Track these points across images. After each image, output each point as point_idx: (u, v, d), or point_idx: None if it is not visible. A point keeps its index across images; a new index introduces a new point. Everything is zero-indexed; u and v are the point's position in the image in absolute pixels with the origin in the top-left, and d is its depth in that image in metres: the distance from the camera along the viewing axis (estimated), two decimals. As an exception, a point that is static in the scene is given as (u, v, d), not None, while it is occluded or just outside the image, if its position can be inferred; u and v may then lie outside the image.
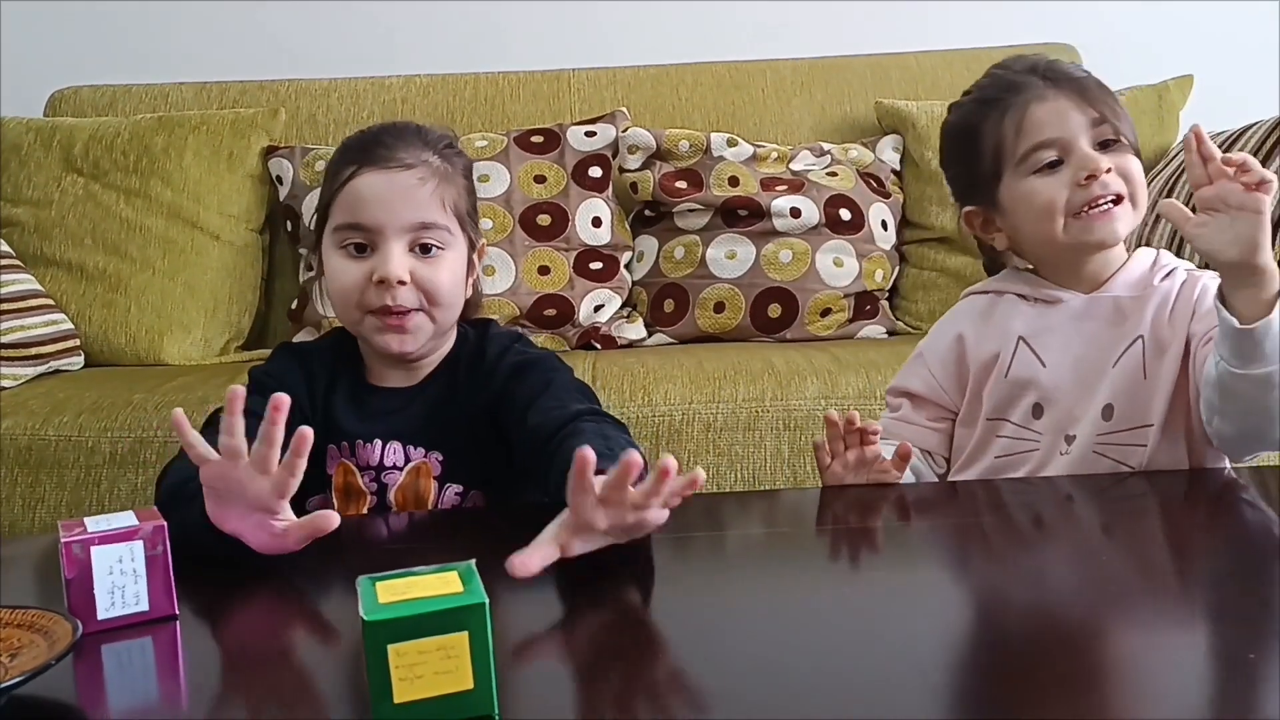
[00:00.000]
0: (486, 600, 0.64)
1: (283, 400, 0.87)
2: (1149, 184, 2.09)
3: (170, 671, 0.80)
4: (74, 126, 2.24)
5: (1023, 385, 1.19)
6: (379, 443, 1.19)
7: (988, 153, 1.18)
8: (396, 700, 0.63)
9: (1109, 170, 1.13)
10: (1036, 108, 1.15)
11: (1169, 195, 1.99)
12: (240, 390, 0.90)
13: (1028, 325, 1.21)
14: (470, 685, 0.64)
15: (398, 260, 1.14)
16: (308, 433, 0.87)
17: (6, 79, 2.49)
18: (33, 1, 2.55)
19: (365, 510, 1.19)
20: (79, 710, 0.72)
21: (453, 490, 1.19)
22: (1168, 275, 1.18)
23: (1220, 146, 1.92)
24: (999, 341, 1.22)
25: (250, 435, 0.93)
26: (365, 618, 0.62)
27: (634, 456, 0.80)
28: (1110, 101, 1.16)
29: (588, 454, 0.80)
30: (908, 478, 1.17)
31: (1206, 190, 1.01)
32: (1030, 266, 1.26)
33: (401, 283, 1.13)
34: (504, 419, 1.15)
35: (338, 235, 1.16)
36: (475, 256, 1.23)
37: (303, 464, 0.88)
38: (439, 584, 0.66)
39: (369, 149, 1.17)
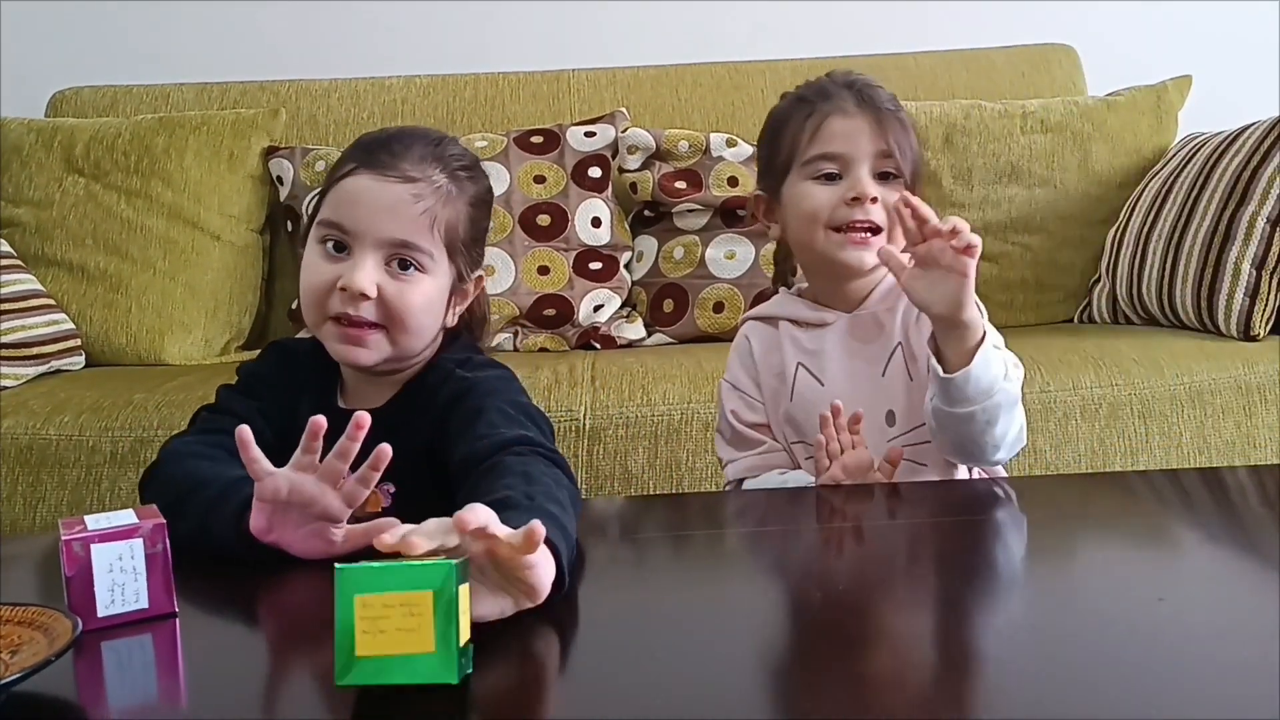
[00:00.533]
0: (456, 564, 0.65)
1: (364, 419, 0.89)
2: (1147, 182, 2.10)
3: (170, 669, 0.80)
4: (75, 127, 2.24)
5: (808, 406, 1.24)
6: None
7: (785, 146, 1.24)
8: (359, 653, 0.64)
9: (874, 200, 1.18)
10: (835, 120, 1.21)
11: (1163, 199, 1.99)
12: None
13: (802, 350, 1.27)
14: (431, 648, 0.64)
15: (367, 272, 1.07)
16: (386, 450, 0.87)
17: (7, 80, 2.49)
18: (34, 2, 2.55)
19: None
20: (78, 707, 0.72)
21: None
22: None
23: (1218, 147, 1.93)
24: (780, 368, 1.28)
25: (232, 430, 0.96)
26: (337, 566, 0.65)
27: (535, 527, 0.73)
28: (905, 141, 1.21)
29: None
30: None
31: (920, 247, 1.08)
32: (802, 288, 1.31)
33: (365, 296, 1.07)
34: (441, 453, 1.07)
35: (319, 230, 1.11)
36: (469, 288, 1.17)
37: (376, 478, 0.89)
38: (421, 560, 0.68)
39: (374, 151, 1.11)
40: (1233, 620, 0.77)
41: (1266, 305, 1.79)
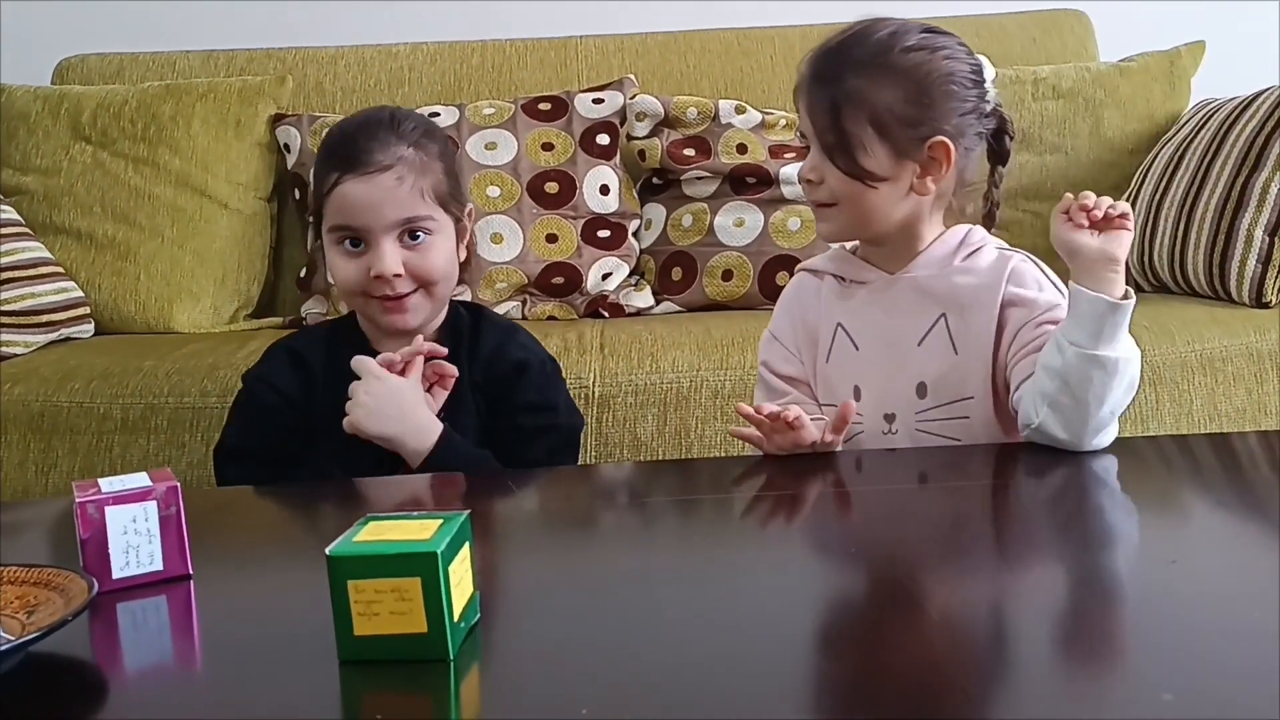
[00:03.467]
0: (440, 551, 0.65)
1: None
2: (1159, 149, 2.08)
3: (184, 630, 0.81)
4: (81, 94, 2.23)
5: (842, 369, 1.21)
6: None
7: None
8: (356, 633, 0.66)
9: (808, 181, 1.17)
10: (799, 98, 1.18)
11: (1176, 166, 1.98)
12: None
13: (842, 309, 1.23)
14: (424, 629, 0.66)
15: (390, 257, 1.24)
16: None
17: (13, 47, 2.48)
18: (39, -31, 2.54)
19: None
20: (95, 667, 0.73)
21: None
22: (972, 253, 1.19)
23: (1231, 113, 1.92)
24: (820, 327, 1.24)
25: (256, 440, 1.28)
26: (328, 553, 0.66)
27: None
28: (826, 109, 1.13)
29: None
30: None
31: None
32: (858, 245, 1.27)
33: (396, 275, 1.24)
34: (493, 408, 1.31)
35: (333, 235, 1.28)
36: (466, 220, 1.33)
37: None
38: (417, 529, 0.69)
39: (347, 155, 1.26)
40: (1241, 583, 0.78)
41: (1279, 272, 1.78)
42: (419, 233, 1.26)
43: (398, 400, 1.22)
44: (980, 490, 1.08)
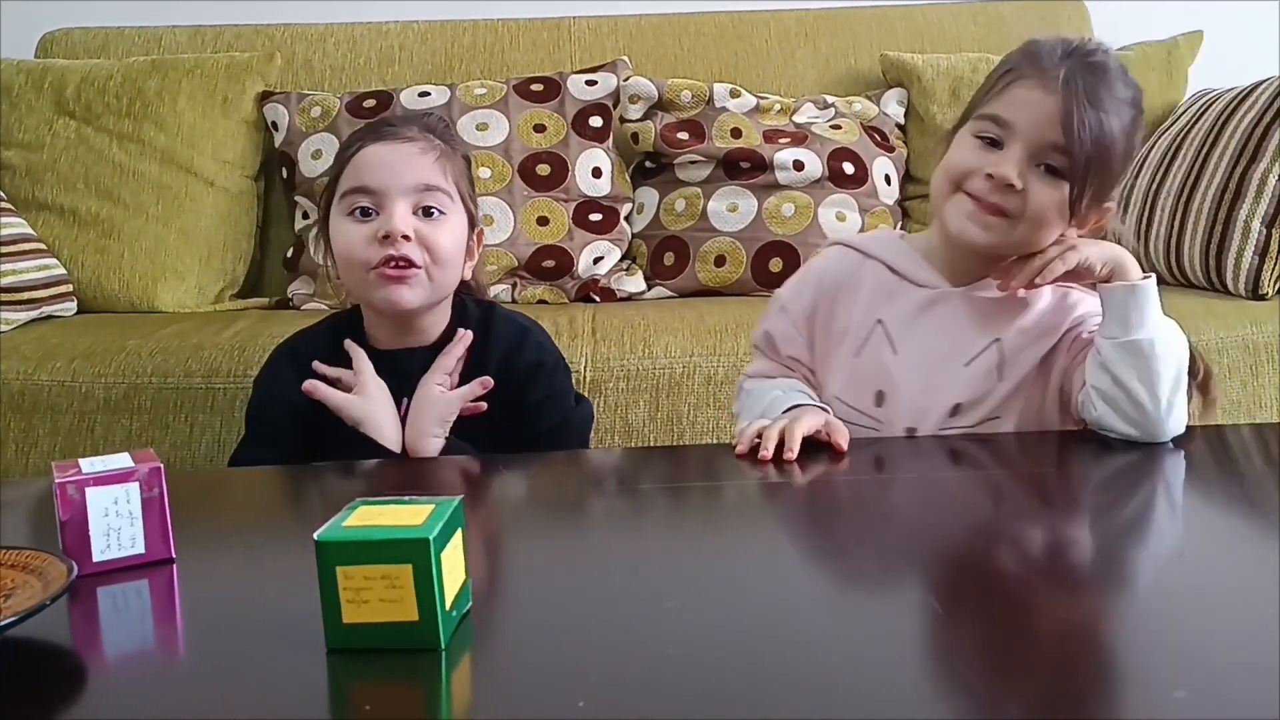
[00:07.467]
0: (432, 537, 0.64)
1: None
2: (1156, 139, 2.07)
3: (167, 615, 0.79)
4: (65, 68, 2.20)
5: (871, 369, 1.16)
6: (406, 401, 1.25)
7: (980, 89, 1.13)
8: (345, 621, 0.64)
9: (1011, 186, 1.05)
10: (1022, 88, 1.07)
11: (1172, 156, 1.97)
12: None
13: (888, 306, 1.16)
14: (415, 617, 0.64)
15: (402, 217, 1.20)
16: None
17: (-4, 20, 2.44)
18: (23, -60, 2.50)
19: None
20: (73, 652, 0.71)
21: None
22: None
23: (1230, 104, 1.91)
24: (857, 316, 1.18)
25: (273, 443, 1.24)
26: (316, 538, 0.64)
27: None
28: (1096, 145, 1.04)
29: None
30: None
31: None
32: (915, 237, 1.22)
33: (406, 238, 1.20)
34: (503, 405, 1.26)
35: (345, 202, 1.23)
36: (474, 239, 1.30)
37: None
38: (409, 515, 0.67)
39: (374, 128, 1.27)
40: (1245, 579, 0.77)
41: (1276, 264, 1.77)
42: (433, 209, 1.23)
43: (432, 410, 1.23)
44: (979, 480, 1.07)
